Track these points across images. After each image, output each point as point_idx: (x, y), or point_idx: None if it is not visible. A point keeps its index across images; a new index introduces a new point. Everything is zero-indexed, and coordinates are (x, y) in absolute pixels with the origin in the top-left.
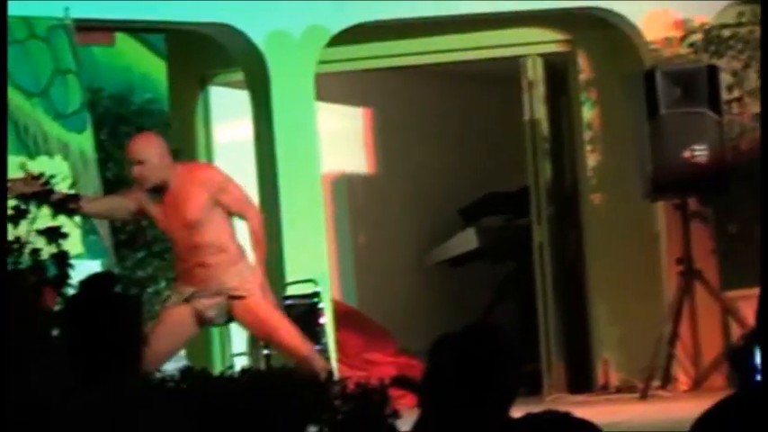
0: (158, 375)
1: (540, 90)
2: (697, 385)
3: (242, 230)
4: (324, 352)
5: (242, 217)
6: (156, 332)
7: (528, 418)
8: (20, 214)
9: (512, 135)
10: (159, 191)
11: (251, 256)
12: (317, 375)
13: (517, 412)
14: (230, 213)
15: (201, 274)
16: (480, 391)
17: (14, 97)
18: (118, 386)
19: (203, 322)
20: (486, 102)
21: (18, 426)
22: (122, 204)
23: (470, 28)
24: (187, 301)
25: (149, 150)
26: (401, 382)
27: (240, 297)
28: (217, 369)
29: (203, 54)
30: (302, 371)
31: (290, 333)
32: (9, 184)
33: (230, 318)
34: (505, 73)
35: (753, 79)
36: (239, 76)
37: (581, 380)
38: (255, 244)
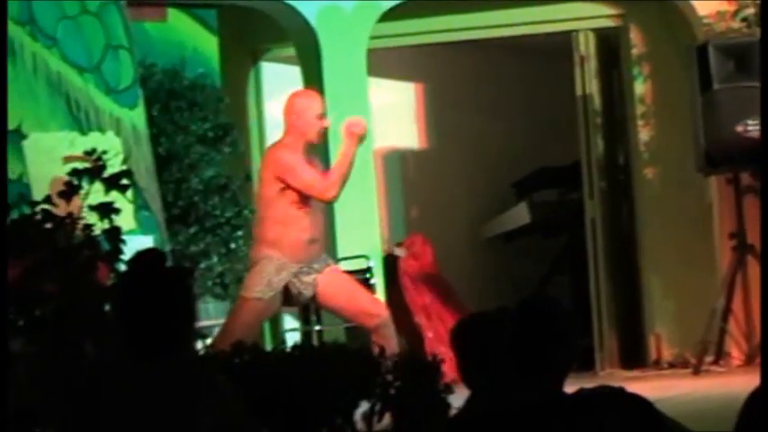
0: (210, 351)
1: (593, 64)
2: (750, 360)
3: None
4: None
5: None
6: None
7: (582, 393)
8: (72, 190)
9: (564, 109)
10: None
11: None
12: (390, 343)
13: (570, 388)
14: None
15: (312, 250)
16: (535, 365)
17: (67, 73)
18: (168, 362)
19: (291, 300)
20: (539, 76)
21: (71, 398)
22: None
23: (523, 2)
24: (294, 274)
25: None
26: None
27: (330, 271)
28: (267, 344)
29: (255, 29)
30: (378, 338)
31: (365, 301)
32: (64, 158)
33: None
34: (558, 47)
35: None
36: (291, 51)
37: (633, 355)
38: None
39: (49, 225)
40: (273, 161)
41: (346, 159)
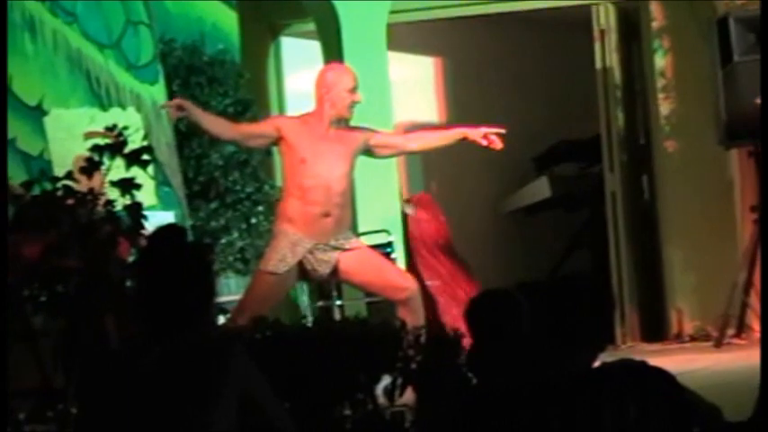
0: (230, 325)
1: (613, 38)
2: None
3: None
4: None
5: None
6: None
7: (604, 366)
8: (93, 166)
9: (584, 83)
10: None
11: None
12: (417, 317)
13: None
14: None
15: (328, 227)
16: (565, 341)
17: (87, 49)
18: (189, 337)
19: (306, 276)
20: (559, 50)
21: (93, 374)
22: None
23: None
24: (309, 251)
25: None
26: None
27: (353, 249)
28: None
29: (275, 4)
30: (405, 312)
31: (393, 274)
32: (86, 133)
33: (332, 272)
34: (578, 21)
35: None
36: (311, 26)
37: (655, 328)
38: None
39: (70, 201)
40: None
41: (445, 138)
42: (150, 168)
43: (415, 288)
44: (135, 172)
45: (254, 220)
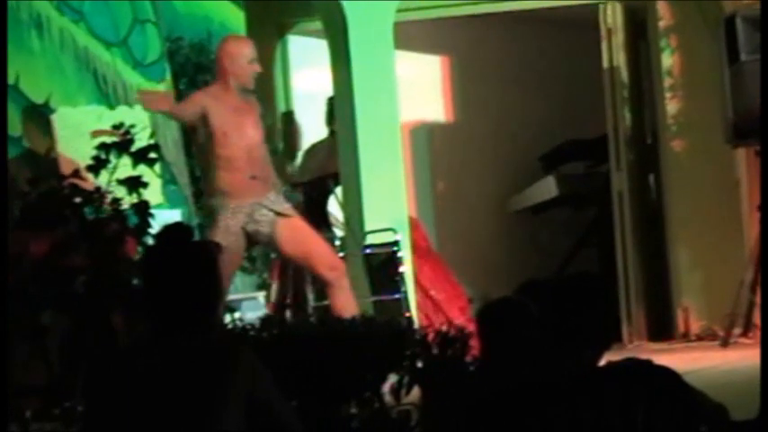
0: (238, 324)
1: (620, 37)
2: None
3: None
4: (404, 300)
5: None
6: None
7: (610, 365)
8: (100, 164)
9: (591, 82)
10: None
11: None
12: (349, 302)
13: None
14: None
15: (258, 187)
16: (571, 340)
17: (94, 47)
18: (196, 335)
19: (251, 240)
20: (565, 48)
21: (100, 372)
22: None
23: None
24: (247, 214)
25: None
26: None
27: (287, 215)
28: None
29: (282, 3)
30: (337, 296)
31: (327, 252)
32: (93, 132)
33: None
34: (585, 19)
35: None
36: (318, 24)
37: (661, 327)
38: None
39: (77, 199)
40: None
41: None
42: (157, 167)
43: (344, 270)
44: (142, 170)
45: None
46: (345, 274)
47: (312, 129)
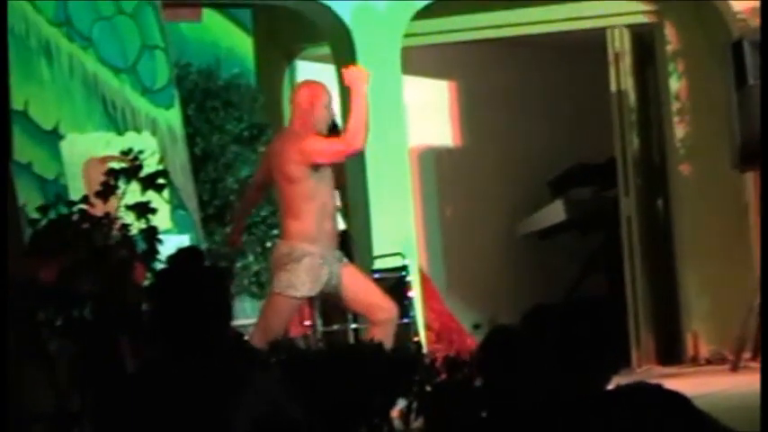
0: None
1: (627, 61)
2: None
3: None
4: (412, 325)
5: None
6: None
7: (620, 389)
8: (109, 190)
9: (599, 106)
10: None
11: None
12: (389, 340)
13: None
14: None
15: (331, 239)
16: (579, 365)
17: (103, 73)
18: (205, 360)
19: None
20: (573, 73)
21: (109, 398)
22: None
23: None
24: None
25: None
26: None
27: (345, 263)
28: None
29: (290, 29)
30: (379, 332)
31: (383, 298)
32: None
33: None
34: (592, 44)
35: None
36: (326, 50)
37: (670, 352)
38: None
39: (86, 225)
40: (300, 151)
41: (362, 104)
42: (166, 192)
43: (395, 311)
44: (150, 196)
45: (269, 244)
46: (394, 317)
47: None
